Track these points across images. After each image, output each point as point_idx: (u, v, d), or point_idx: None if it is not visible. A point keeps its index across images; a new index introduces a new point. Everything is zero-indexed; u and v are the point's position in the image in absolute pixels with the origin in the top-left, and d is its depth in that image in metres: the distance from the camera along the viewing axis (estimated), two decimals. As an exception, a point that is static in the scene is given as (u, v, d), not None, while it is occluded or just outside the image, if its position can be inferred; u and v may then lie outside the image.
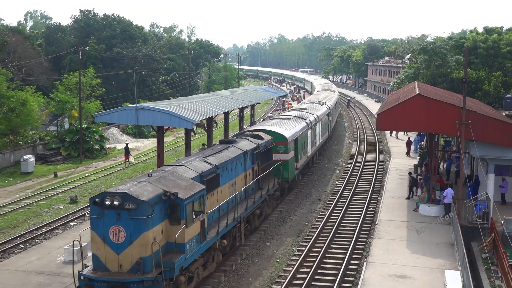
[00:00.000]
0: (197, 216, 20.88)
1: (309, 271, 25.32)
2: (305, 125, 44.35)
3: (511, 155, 29.21)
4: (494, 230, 26.14)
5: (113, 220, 18.41)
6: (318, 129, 51.32)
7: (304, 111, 51.30)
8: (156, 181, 20.22)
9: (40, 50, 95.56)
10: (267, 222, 33.44)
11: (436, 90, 39.03)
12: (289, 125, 41.14)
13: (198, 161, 24.51)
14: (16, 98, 54.82)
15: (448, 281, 21.29)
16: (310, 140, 46.15)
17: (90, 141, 59.21)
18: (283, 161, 36.15)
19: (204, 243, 21.68)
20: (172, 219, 19.76)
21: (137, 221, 18.20)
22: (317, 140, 50.81)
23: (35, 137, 60.30)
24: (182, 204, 19.43)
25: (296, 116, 46.33)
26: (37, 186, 44.68)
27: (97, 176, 47.98)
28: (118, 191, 18.58)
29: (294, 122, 43.03)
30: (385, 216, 31.81)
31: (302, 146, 41.92)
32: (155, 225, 18.80)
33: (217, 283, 24.20)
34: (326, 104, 61.63)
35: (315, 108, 56.63)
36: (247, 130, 38.26)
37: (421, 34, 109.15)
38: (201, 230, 21.23)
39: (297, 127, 41.72)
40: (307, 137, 44.30)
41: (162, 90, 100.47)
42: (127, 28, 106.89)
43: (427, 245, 26.83)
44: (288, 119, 43.99)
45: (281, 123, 41.24)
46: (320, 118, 52.75)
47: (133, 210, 18.16)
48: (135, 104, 39.52)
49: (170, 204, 19.46)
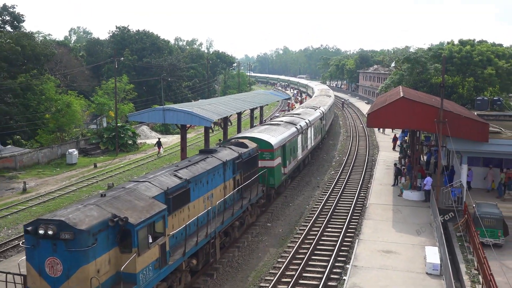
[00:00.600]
0: (156, 240, 16.39)
1: (309, 247, 25.39)
2: (295, 130, 39.74)
3: (481, 149, 29.12)
4: (467, 213, 26.05)
5: (48, 251, 14.17)
6: (310, 133, 46.69)
7: (297, 116, 46.89)
8: (107, 203, 15.70)
9: (82, 60, 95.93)
10: (274, 205, 33.46)
11: (417, 94, 38.84)
12: (277, 131, 36.60)
13: (167, 176, 19.71)
14: (62, 101, 55.15)
15: (428, 255, 21.27)
16: (301, 144, 41.63)
17: (124, 137, 59.42)
18: (269, 168, 31.71)
19: (165, 268, 17.21)
20: (123, 246, 15.32)
21: (74, 253, 13.94)
22: (309, 143, 46.08)
23: (78, 133, 60.67)
24: (133, 230, 15.07)
25: (287, 122, 41.63)
26: (80, 175, 44.98)
27: (130, 167, 48.19)
28: (53, 218, 14.21)
29: (283, 128, 38.36)
30: (374, 200, 31.77)
31: (291, 151, 37.58)
32: (98, 256, 14.45)
33: (229, 259, 24.28)
34: (320, 109, 56.91)
35: (308, 113, 51.92)
36: (234, 137, 33.38)
37: (405, 46, 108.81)
38: (161, 255, 16.74)
39: (285, 133, 37.05)
40: (297, 142, 39.89)
41: (185, 94, 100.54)
42: (156, 41, 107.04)
43: (410, 225, 26.79)
44: (278, 125, 39.30)
45: (270, 130, 36.56)
46: (313, 122, 48.25)
47: (70, 240, 13.90)
48: (162, 105, 39.72)
49: (120, 230, 15.07)
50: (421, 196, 31.71)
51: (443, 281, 19.62)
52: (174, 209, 18.67)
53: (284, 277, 22.02)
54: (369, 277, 20.14)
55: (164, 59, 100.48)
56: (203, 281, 21.73)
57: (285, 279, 21.86)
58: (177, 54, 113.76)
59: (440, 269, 20.32)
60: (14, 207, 34.29)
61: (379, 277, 20.10)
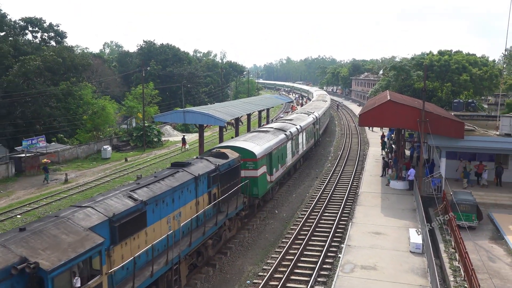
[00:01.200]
0: (87, 283, 11.84)
1: (309, 229, 25.39)
2: (284, 137, 34.47)
3: (458, 144, 28.96)
4: (445, 199, 25.92)
5: None
6: (302, 139, 41.42)
7: (288, 122, 41.79)
8: (19, 242, 10.83)
9: (114, 70, 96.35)
10: (279, 192, 33.43)
11: (402, 97, 38.61)
12: (264, 139, 31.21)
13: (119, 198, 14.93)
14: (98, 104, 55.52)
15: (411, 236, 21.21)
16: (291, 150, 36.52)
17: (151, 135, 59.57)
18: (252, 178, 26.77)
19: None
20: None
21: None
22: (300, 148, 40.62)
23: (111, 132, 60.94)
24: (46, 277, 10.31)
25: (276, 128, 36.42)
26: (113, 168, 45.15)
27: (156, 160, 48.29)
28: None
29: (271, 136, 33.11)
30: (365, 189, 31.65)
31: (279, 158, 32.44)
32: None
33: (240, 240, 24.31)
34: (313, 114, 51.56)
35: (301, 118, 46.36)
36: (216, 147, 28.01)
37: (391, 56, 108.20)
38: None
39: (272, 141, 31.68)
40: (286, 148, 34.66)
41: (202, 98, 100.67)
42: (177, 53, 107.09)
43: (396, 210, 26.67)
44: (267, 132, 34.02)
45: (256, 138, 31.15)
46: (305, 127, 42.90)
47: None
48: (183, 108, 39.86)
49: (30, 279, 10.24)
50: (405, 185, 31.56)
51: (424, 258, 19.55)
52: (122, 238, 14.03)
53: (288, 255, 22.05)
54: (360, 254, 20.11)
55: (184, 68, 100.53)
56: (218, 258, 21.71)
57: (289, 256, 21.89)
58: (195, 64, 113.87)
59: (422, 248, 20.24)
60: (57, 195, 34.52)
61: (370, 255, 20.05)
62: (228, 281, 19.91)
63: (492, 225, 24.42)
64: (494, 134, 31.03)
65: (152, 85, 72.99)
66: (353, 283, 17.41)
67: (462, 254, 18.56)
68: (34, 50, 60.68)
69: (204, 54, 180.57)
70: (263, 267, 21.18)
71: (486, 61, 62.24)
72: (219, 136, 41.73)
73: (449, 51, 62.51)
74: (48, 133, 52.56)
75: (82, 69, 63.98)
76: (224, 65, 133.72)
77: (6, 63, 53.82)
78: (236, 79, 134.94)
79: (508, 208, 27.12)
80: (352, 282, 17.49)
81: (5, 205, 32.15)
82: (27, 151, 43.45)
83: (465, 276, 17.78)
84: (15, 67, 52.97)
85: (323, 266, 20.76)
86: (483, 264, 19.08)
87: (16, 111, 51.91)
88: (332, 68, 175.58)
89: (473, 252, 19.80)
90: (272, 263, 21.29)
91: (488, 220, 25.25)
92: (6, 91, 50.92)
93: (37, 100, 53.00)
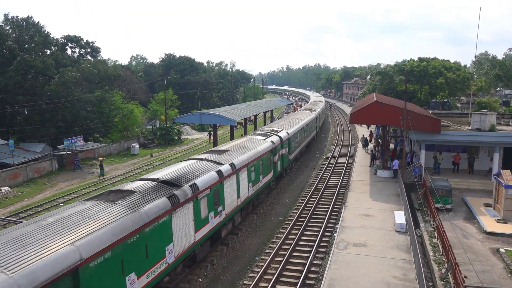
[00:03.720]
0: None
1: (308, 212, 25.32)
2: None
3: (435, 138, 28.77)
4: (425, 186, 25.75)
5: None
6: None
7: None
8: None
9: (140, 79, 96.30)
10: (282, 182, 33.32)
11: (387, 98, 38.34)
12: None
13: None
14: (127, 109, 55.68)
15: (396, 217, 21.09)
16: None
17: (172, 134, 59.69)
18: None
19: None
20: None
21: None
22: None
23: (138, 132, 61.10)
24: None
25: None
26: (141, 162, 45.31)
27: (177, 156, 48.35)
28: None
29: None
30: (356, 178, 31.54)
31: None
32: None
33: (249, 222, 24.31)
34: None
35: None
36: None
37: (377, 63, 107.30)
38: None
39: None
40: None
41: (215, 102, 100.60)
42: (193, 63, 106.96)
43: (383, 196, 26.56)
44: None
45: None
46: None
47: None
48: (199, 110, 39.86)
49: None
50: (391, 174, 31.42)
51: (407, 236, 19.44)
52: None
53: (290, 235, 22.02)
54: (352, 234, 20.03)
55: (200, 76, 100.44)
56: (231, 238, 21.67)
57: (291, 236, 21.85)
58: (209, 73, 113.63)
59: (405, 227, 20.13)
60: (94, 186, 34.72)
61: (360, 234, 19.97)
62: (240, 258, 19.92)
63: (465, 207, 24.23)
64: (466, 129, 30.78)
65: (172, 92, 73.11)
66: (347, 258, 17.37)
67: (440, 232, 18.44)
68: (72, 63, 60.96)
69: (217, 64, 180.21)
70: (269, 245, 21.17)
71: (459, 66, 61.56)
72: (230, 134, 41.71)
73: (427, 58, 61.92)
74: (85, 134, 52.84)
75: (114, 79, 64.28)
76: (233, 73, 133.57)
77: (49, 73, 54.15)
78: (244, 85, 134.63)
79: (479, 192, 26.94)
80: (346, 257, 17.45)
81: (50, 195, 32.41)
82: (68, 149, 43.74)
83: (443, 251, 17.68)
84: (55, 77, 53.23)
85: (320, 244, 20.68)
86: (459, 240, 18.94)
87: (58, 115, 52.23)
88: (326, 74, 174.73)
89: (450, 231, 19.65)
90: (277, 242, 21.26)
91: (462, 202, 25.06)
92: (49, 98, 51.25)
93: (76, 106, 53.26)
